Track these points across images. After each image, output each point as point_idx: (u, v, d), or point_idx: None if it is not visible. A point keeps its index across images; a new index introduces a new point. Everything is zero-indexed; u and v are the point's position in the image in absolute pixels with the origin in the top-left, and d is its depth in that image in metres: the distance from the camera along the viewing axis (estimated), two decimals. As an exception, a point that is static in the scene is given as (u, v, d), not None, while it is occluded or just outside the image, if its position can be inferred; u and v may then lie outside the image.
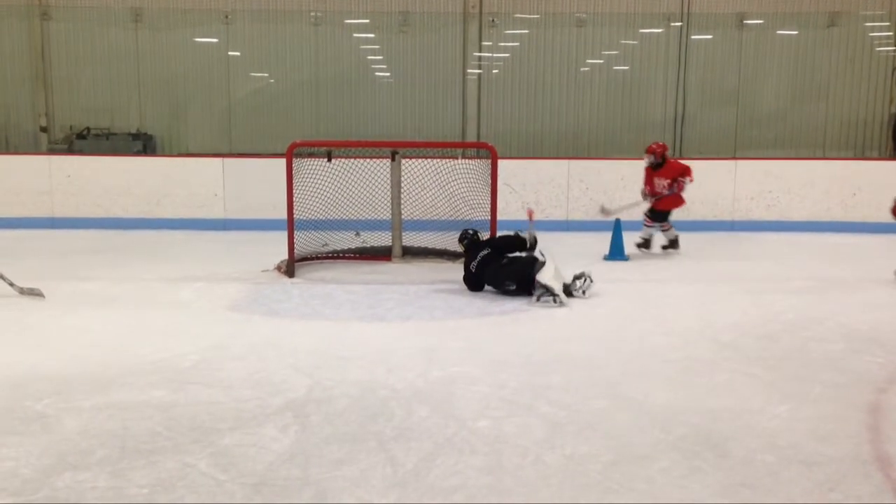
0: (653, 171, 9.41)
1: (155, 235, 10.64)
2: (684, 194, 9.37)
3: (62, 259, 8.98)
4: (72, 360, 5.12)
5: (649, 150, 9.41)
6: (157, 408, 4.27)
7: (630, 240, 9.31)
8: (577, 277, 7.14)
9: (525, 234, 7.45)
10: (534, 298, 6.91)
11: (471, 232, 7.71)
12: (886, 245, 10.35)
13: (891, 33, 13.64)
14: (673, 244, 9.58)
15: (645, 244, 9.55)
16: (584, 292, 7.07)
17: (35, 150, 13.55)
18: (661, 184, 9.32)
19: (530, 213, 7.82)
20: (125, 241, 10.18)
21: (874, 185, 11.42)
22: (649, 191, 9.45)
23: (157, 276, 8.02)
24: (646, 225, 9.54)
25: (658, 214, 9.43)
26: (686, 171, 9.31)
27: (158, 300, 7.02)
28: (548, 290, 6.85)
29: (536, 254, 7.29)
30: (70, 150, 12.97)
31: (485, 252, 7.31)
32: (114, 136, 13.45)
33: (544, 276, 6.90)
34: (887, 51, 13.68)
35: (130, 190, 11.33)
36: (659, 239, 9.57)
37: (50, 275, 7.83)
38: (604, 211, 9.73)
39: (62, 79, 13.77)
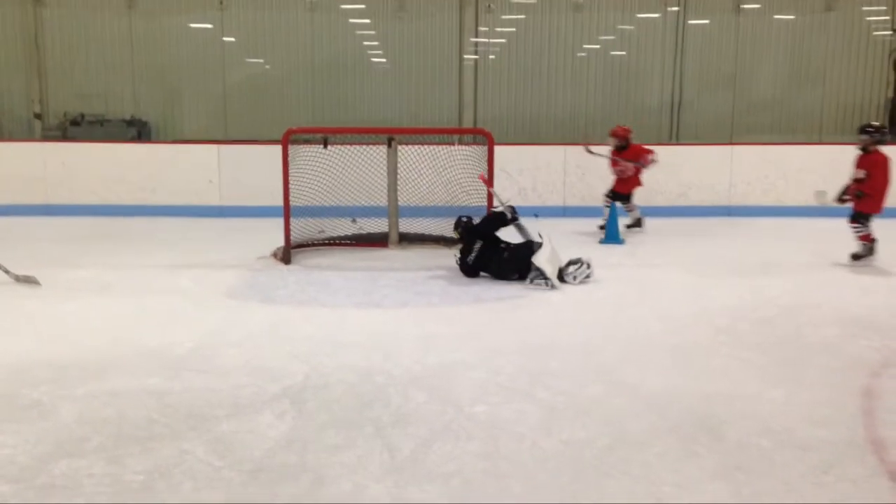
0: (617, 153, 9.89)
1: (150, 222, 10.61)
2: (643, 176, 9.90)
3: (57, 246, 8.96)
4: (67, 348, 5.12)
5: (613, 133, 9.98)
6: (153, 395, 4.27)
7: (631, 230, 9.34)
8: (571, 262, 7.14)
9: (501, 209, 7.45)
10: (527, 281, 6.92)
11: (465, 219, 7.69)
12: (882, 231, 10.35)
13: (888, 18, 13.59)
14: (637, 223, 10.03)
15: (636, 223, 10.04)
16: (575, 278, 7.07)
17: (29, 136, 13.48)
18: (626, 166, 9.83)
19: (483, 179, 7.83)
20: (120, 228, 10.16)
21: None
22: (616, 171, 9.96)
23: (153, 263, 8.01)
24: (605, 206, 9.78)
25: (619, 196, 9.84)
26: (647, 153, 9.83)
27: (154, 287, 7.01)
28: (541, 273, 6.86)
29: (535, 236, 7.28)
30: (64, 137, 12.91)
31: (479, 245, 7.28)
32: (108, 122, 13.37)
33: (539, 259, 6.90)
34: (884, 35, 13.64)
35: (125, 177, 11.28)
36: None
37: (45, 262, 7.82)
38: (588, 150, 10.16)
39: (56, 65, 13.67)
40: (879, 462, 3.54)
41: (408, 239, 8.96)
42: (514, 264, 7.13)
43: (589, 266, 7.16)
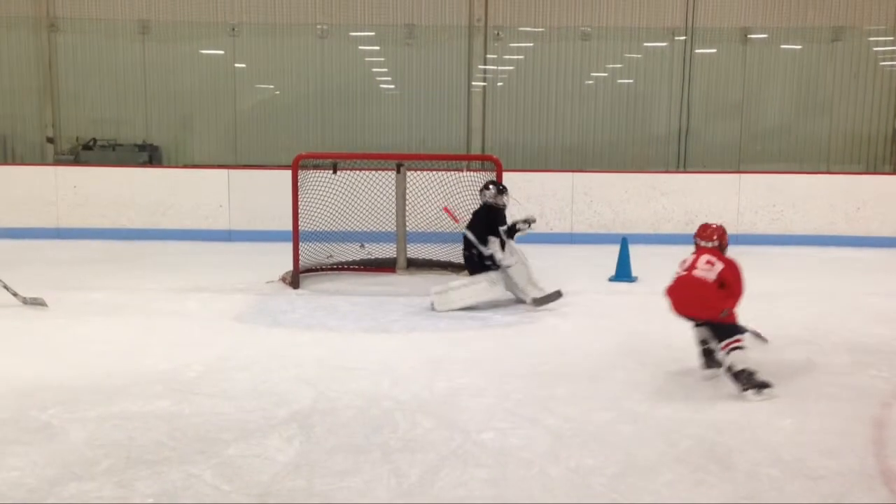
0: None
1: (160, 246, 10.66)
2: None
3: (68, 269, 9.01)
4: (77, 370, 5.14)
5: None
6: (161, 418, 4.28)
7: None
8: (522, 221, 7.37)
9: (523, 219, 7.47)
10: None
11: (498, 188, 7.58)
12: (891, 259, 10.34)
13: (895, 48, 13.65)
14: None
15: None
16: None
17: (41, 160, 13.58)
18: None
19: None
20: (131, 252, 10.21)
21: (879, 198, 11.42)
22: None
23: (163, 286, 8.04)
24: None
25: None
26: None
27: (163, 310, 7.03)
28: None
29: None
30: (76, 161, 13.01)
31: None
32: (120, 147, 13.46)
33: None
34: (891, 65, 13.69)
35: (136, 201, 11.36)
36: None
37: (56, 284, 7.86)
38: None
39: (69, 90, 13.81)
40: (890, 493, 3.51)
41: (416, 264, 8.97)
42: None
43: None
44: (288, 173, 8.29)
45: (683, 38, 13.74)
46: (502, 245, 7.25)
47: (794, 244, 11.26)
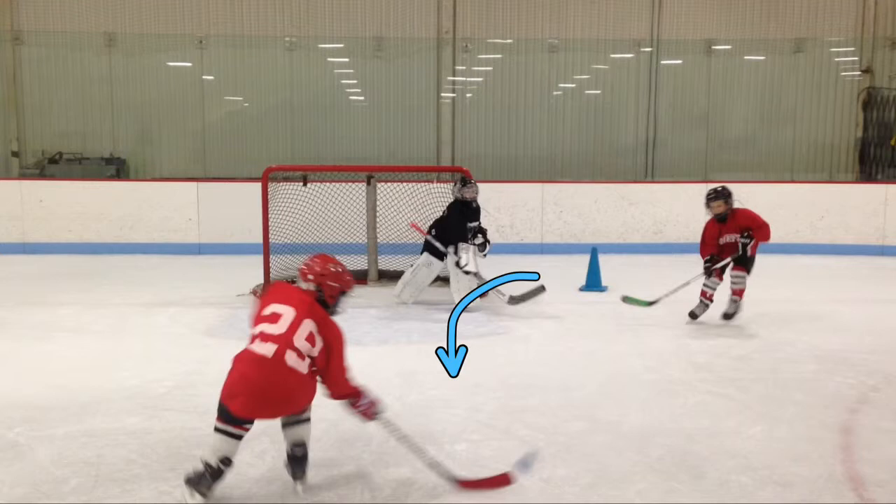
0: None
1: (129, 260, 10.55)
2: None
3: (34, 284, 8.87)
4: (44, 387, 5.06)
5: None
6: (131, 435, 4.23)
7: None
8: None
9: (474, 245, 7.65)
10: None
11: (461, 181, 7.74)
12: (854, 267, 10.52)
13: (856, 59, 13.93)
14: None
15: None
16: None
17: (6, 175, 13.39)
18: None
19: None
20: (99, 267, 10.08)
21: (842, 207, 11.62)
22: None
23: (131, 301, 7.95)
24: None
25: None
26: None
27: (132, 325, 6.95)
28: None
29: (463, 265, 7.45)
30: (42, 175, 12.84)
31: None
32: (86, 160, 13.32)
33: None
34: (853, 76, 13.97)
35: (104, 214, 11.23)
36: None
37: (22, 300, 7.74)
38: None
39: (34, 103, 13.63)
40: (858, 499, 3.57)
41: (387, 276, 8.96)
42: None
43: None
44: (257, 186, 8.26)
45: (649, 49, 13.92)
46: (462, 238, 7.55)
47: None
